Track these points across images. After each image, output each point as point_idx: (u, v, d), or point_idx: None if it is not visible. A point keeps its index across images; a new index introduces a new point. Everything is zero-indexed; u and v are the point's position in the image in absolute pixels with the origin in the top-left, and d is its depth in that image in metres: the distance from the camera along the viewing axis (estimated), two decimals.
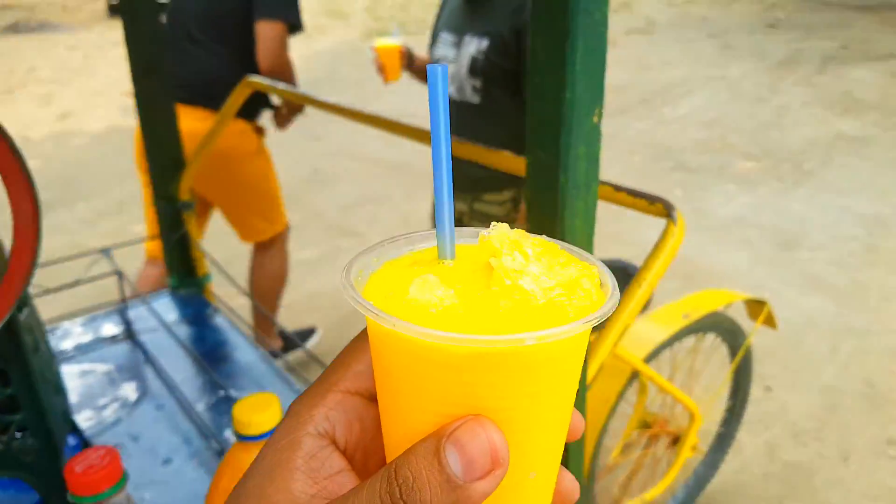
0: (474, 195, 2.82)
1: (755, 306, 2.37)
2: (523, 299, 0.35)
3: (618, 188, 0.90)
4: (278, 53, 2.84)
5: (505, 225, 0.39)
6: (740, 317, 2.44)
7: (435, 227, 0.40)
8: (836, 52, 10.15)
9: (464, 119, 2.77)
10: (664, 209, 0.83)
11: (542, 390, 0.36)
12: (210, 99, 2.80)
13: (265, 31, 2.81)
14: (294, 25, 2.89)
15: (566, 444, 0.42)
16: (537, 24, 0.64)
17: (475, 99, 2.71)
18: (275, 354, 3.27)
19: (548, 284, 0.36)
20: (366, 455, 0.41)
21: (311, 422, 0.39)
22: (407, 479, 0.33)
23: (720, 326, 2.31)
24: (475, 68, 2.66)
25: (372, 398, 0.41)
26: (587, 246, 0.72)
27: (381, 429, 0.40)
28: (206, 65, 2.91)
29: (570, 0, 0.59)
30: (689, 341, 2.32)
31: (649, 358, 2.06)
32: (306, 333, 3.54)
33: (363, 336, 0.41)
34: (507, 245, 0.37)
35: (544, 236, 0.41)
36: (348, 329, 3.68)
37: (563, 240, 0.53)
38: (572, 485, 0.43)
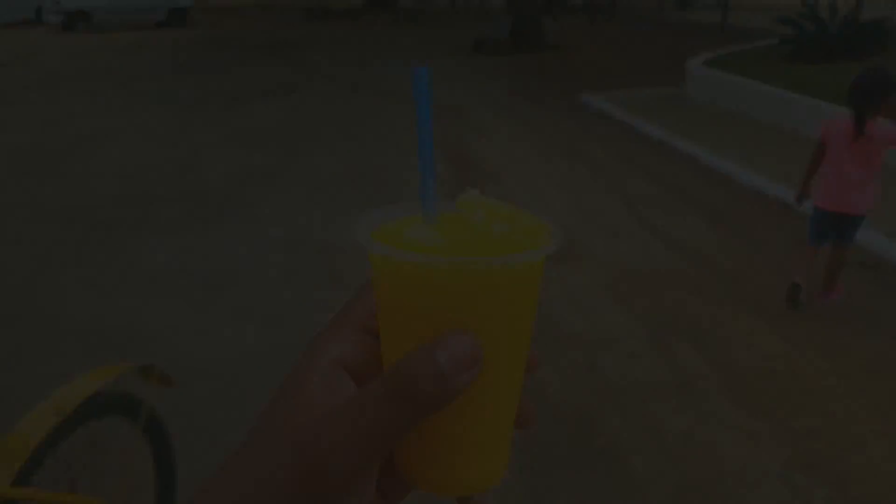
0: None
1: (147, 371, 2.24)
2: (492, 240, 0.46)
3: None
4: None
5: (476, 190, 0.50)
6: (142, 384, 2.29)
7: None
8: (238, 90, 10.97)
9: None
10: None
11: (507, 306, 0.46)
12: None
13: None
14: None
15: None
16: None
17: None
18: None
19: (511, 232, 0.47)
20: None
21: (326, 351, 0.47)
22: (407, 374, 0.42)
23: (114, 405, 2.12)
24: None
25: (377, 335, 0.49)
26: None
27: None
28: None
29: None
30: (83, 434, 2.07)
31: (24, 475, 1.75)
32: None
33: (367, 284, 0.50)
34: (480, 204, 0.49)
35: (509, 202, 0.51)
36: None
37: None
38: (531, 406, 0.53)
